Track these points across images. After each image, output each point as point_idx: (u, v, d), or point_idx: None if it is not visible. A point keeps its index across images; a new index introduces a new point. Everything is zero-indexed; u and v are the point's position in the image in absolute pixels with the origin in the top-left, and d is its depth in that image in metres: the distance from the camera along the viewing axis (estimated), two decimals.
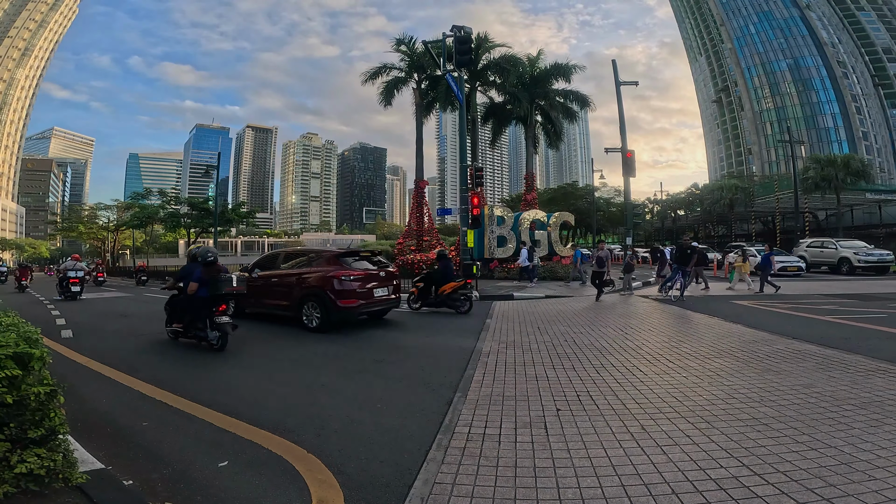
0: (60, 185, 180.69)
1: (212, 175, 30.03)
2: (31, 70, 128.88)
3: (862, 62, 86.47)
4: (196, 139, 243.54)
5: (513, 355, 6.39)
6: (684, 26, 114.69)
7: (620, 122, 19.61)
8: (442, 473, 3.00)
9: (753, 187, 45.42)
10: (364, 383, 5.36)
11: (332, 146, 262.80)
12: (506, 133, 31.86)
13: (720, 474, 2.88)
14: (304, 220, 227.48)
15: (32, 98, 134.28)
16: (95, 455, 3.19)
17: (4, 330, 2.71)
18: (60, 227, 73.79)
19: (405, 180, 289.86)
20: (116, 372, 5.88)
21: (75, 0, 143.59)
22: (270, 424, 3.95)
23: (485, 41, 25.83)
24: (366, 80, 26.61)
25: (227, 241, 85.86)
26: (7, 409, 2.44)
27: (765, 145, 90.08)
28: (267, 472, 3.12)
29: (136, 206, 49.78)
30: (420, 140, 26.42)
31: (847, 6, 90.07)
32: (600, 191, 48.53)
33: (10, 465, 2.38)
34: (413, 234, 26.09)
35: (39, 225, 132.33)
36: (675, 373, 5.34)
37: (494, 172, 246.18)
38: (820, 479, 2.79)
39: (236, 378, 5.68)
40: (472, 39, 19.03)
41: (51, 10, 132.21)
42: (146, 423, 4.10)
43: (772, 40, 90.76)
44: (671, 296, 12.68)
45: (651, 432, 3.59)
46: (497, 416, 4.04)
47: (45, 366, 2.70)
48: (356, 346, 7.53)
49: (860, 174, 35.65)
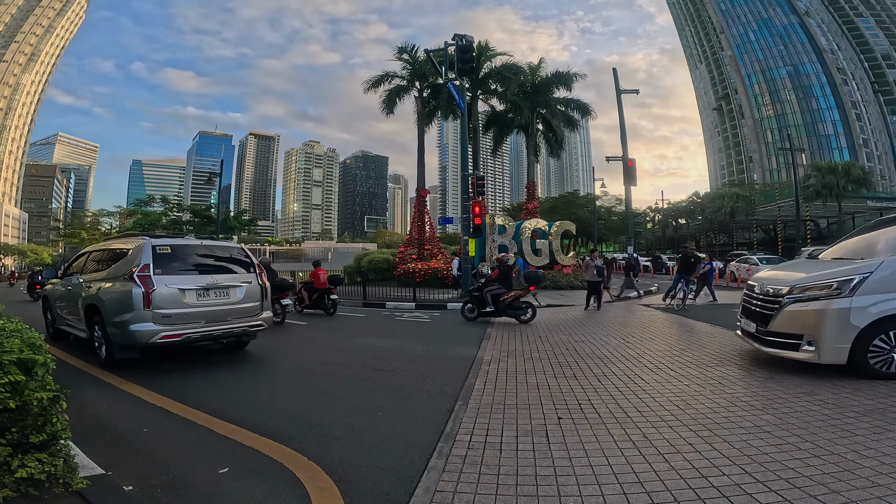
0: (64, 191, 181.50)
1: (214, 182, 30.17)
2: (37, 75, 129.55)
3: (861, 69, 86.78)
4: (199, 146, 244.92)
5: (514, 364, 6.38)
6: (684, 34, 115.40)
7: (621, 131, 19.72)
8: (443, 481, 2.99)
9: (754, 196, 45.51)
10: (365, 391, 5.35)
11: (334, 154, 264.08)
12: (507, 142, 32.02)
13: (722, 482, 2.87)
14: (305, 228, 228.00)
15: (38, 104, 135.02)
16: (95, 460, 3.19)
17: (8, 336, 2.72)
18: (63, 234, 74.06)
19: (406, 189, 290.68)
20: (116, 377, 5.87)
21: (82, 6, 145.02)
22: (271, 431, 3.95)
23: (486, 50, 26.03)
24: (368, 88, 26.78)
25: None
26: (9, 413, 2.45)
27: (765, 153, 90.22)
28: (268, 479, 3.11)
29: (138, 213, 50.02)
30: (422, 149, 26.53)
31: (846, 13, 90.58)
32: (601, 199, 48.56)
33: (11, 470, 2.38)
34: (414, 243, 26.10)
35: (42, 231, 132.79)
36: (677, 381, 5.32)
37: (496, 181, 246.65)
38: (823, 485, 2.78)
39: (237, 385, 5.68)
40: (474, 48, 19.17)
41: (58, 16, 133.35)
42: (146, 428, 4.10)
43: (771, 47, 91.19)
44: (674, 304, 12.65)
45: (653, 440, 3.58)
46: (498, 425, 4.03)
47: (49, 372, 2.70)
48: (356, 354, 7.54)
49: (861, 182, 35.73)
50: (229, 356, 7.25)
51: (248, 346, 7.75)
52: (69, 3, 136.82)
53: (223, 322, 6.61)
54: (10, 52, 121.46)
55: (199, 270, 6.71)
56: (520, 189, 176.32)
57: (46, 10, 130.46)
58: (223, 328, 6.62)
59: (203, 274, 6.67)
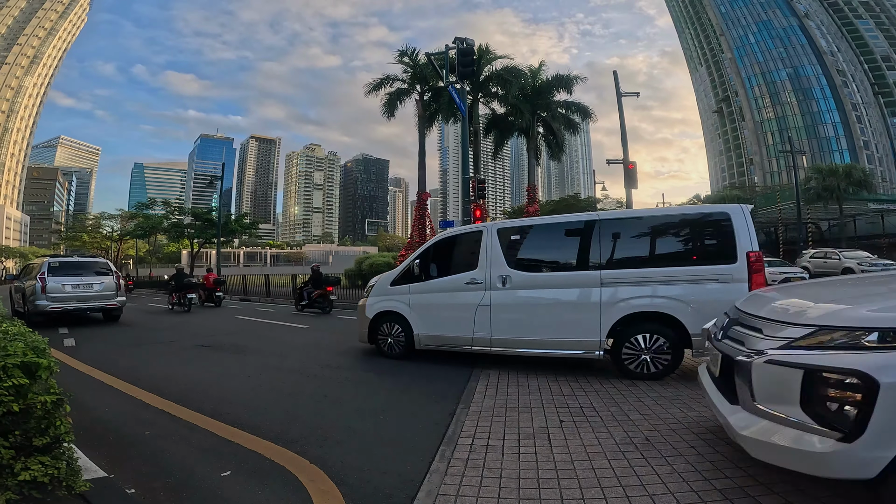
0: (65, 193, 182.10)
1: (216, 186, 30.22)
2: (39, 78, 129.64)
3: (861, 70, 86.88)
4: (200, 149, 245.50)
5: (515, 367, 6.37)
6: (684, 36, 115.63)
7: (622, 134, 19.71)
8: (445, 485, 2.99)
9: (755, 198, 45.45)
10: (367, 394, 5.36)
11: (335, 157, 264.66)
12: (508, 145, 32.07)
13: (725, 484, 2.86)
14: (306, 232, 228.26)
15: (40, 106, 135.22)
16: (98, 463, 3.20)
17: (12, 339, 2.73)
18: (64, 237, 74.13)
19: (407, 192, 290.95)
20: (119, 381, 5.89)
21: (84, 9, 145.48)
22: (273, 434, 3.95)
23: (486, 53, 26.11)
24: (369, 92, 26.88)
25: (230, 251, 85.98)
26: (13, 417, 2.46)
27: (766, 155, 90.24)
28: (270, 482, 3.11)
29: (140, 216, 50.06)
30: (423, 152, 26.59)
31: (845, 14, 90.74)
32: (602, 203, 48.49)
33: (14, 473, 2.39)
34: (415, 246, 26.11)
35: (43, 234, 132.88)
36: (680, 383, 5.31)
37: (496, 184, 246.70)
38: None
39: (239, 388, 5.68)
40: (475, 51, 19.23)
41: (60, 18, 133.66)
42: (148, 432, 4.10)
43: (771, 49, 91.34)
44: None
45: (655, 443, 3.57)
46: (500, 428, 4.02)
47: (52, 375, 2.71)
48: (358, 357, 7.55)
49: (862, 184, 35.73)
50: (230, 360, 7.26)
51: (246, 349, 7.73)
52: (71, 5, 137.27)
53: (88, 302, 11.86)
54: (13, 55, 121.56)
55: (75, 274, 11.90)
56: (520, 192, 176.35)
57: (49, 12, 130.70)
58: (88, 305, 11.88)
59: (77, 276, 11.87)
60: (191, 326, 12.13)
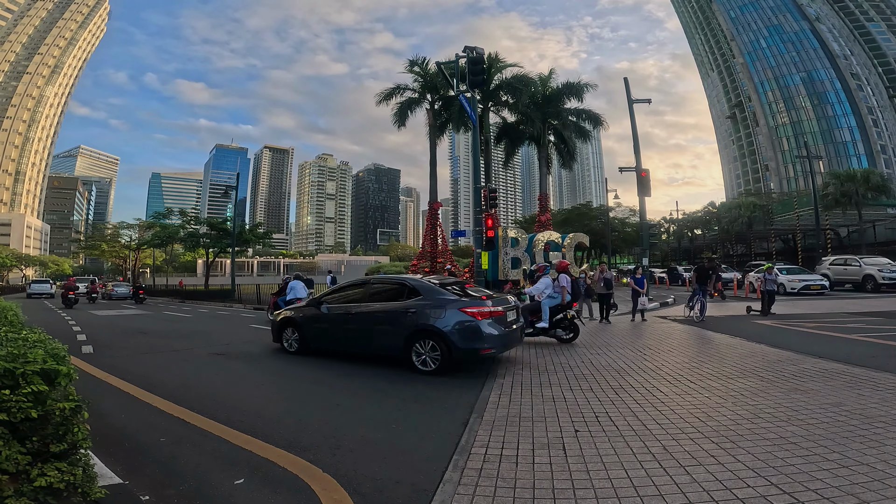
0: (85, 203, 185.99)
1: (231, 196, 30.66)
2: (59, 88, 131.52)
3: (875, 74, 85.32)
4: (216, 159, 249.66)
5: (528, 376, 6.32)
6: (694, 42, 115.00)
7: (634, 141, 19.60)
8: (459, 495, 2.95)
9: (772, 205, 44.74)
10: (379, 403, 5.33)
11: (347, 167, 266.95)
12: (519, 153, 32.09)
13: (748, 493, 2.78)
14: (318, 241, 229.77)
15: (60, 116, 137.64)
16: (113, 469, 3.23)
17: (32, 346, 2.77)
18: (84, 245, 75.54)
19: (419, 201, 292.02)
20: (134, 388, 5.94)
21: (103, 19, 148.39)
22: (286, 442, 3.95)
23: (496, 61, 26.25)
24: (380, 101, 27.15)
25: (244, 261, 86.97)
26: (31, 423, 2.48)
27: (782, 161, 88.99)
28: (282, 490, 3.10)
29: (157, 226, 50.89)
30: (434, 161, 26.70)
31: (856, 17, 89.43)
32: (615, 211, 48.04)
33: (30, 479, 2.40)
34: (427, 256, 26.18)
35: (63, 242, 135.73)
36: (697, 393, 5.21)
37: (508, 193, 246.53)
38: (853, 496, 2.70)
39: (252, 396, 5.70)
40: (484, 60, 19.33)
41: (80, 28, 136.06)
42: (163, 439, 4.12)
43: (783, 54, 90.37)
44: (692, 316, 12.41)
45: (674, 452, 3.50)
46: (514, 437, 3.97)
47: (71, 382, 2.74)
48: (369, 366, 7.53)
49: (881, 189, 35.00)
50: (244, 370, 7.30)
51: (260, 357, 7.79)
52: (91, 15, 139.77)
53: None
54: (34, 64, 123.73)
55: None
56: (532, 201, 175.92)
57: (69, 22, 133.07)
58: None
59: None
60: (205, 335, 12.25)
